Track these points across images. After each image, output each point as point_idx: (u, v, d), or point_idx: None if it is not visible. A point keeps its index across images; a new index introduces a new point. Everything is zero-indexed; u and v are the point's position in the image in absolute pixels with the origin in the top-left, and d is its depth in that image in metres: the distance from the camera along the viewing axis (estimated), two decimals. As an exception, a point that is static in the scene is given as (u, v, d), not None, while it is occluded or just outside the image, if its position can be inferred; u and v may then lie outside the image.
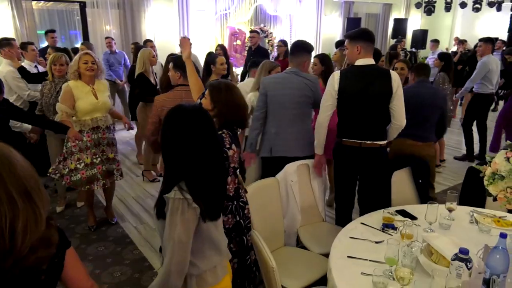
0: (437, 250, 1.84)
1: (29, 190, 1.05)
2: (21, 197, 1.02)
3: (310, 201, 2.89)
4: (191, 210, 1.45)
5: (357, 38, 2.74)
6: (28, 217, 1.03)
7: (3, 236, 0.99)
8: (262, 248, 1.78)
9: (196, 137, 1.50)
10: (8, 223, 0.99)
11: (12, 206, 1.00)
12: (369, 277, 1.78)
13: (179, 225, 1.44)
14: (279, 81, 3.06)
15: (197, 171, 1.49)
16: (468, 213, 2.40)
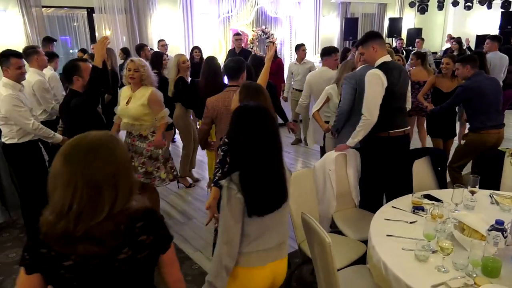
0: (470, 225, 2.07)
1: (100, 184, 1.17)
2: (86, 189, 1.15)
3: (344, 188, 3.09)
4: (235, 199, 1.60)
5: (369, 39, 3.01)
6: (85, 207, 1.15)
7: (69, 217, 1.15)
8: (316, 227, 1.98)
9: (255, 133, 1.64)
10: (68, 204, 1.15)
11: (75, 189, 1.15)
12: (410, 252, 2.00)
13: (226, 210, 1.62)
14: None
15: (251, 166, 1.63)
16: (488, 196, 2.63)
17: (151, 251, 1.29)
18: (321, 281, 2.15)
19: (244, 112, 1.72)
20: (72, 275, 1.20)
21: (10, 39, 6.53)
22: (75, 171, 1.15)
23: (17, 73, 3.19)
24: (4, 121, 3.20)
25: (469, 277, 1.78)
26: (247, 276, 1.76)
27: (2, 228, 3.81)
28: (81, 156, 1.17)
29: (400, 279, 1.82)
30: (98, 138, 1.22)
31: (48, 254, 1.18)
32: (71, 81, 2.88)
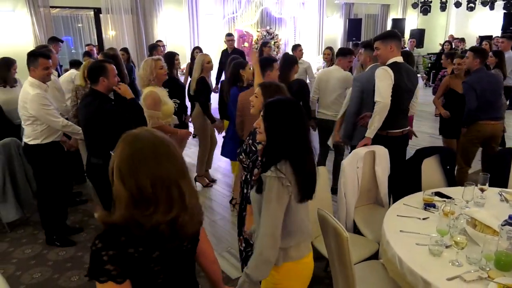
0: (482, 221, 2.13)
1: (186, 169, 1.24)
2: (184, 174, 1.22)
3: (370, 185, 3.14)
4: (284, 188, 1.63)
5: (389, 38, 3.09)
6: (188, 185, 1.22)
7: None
8: (333, 221, 2.04)
9: (296, 123, 1.71)
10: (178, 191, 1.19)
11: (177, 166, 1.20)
12: (424, 246, 2.06)
13: (274, 201, 1.63)
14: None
15: (299, 152, 1.68)
16: (497, 193, 2.69)
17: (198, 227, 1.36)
18: (336, 275, 2.21)
19: (280, 105, 1.77)
20: (159, 266, 1.21)
21: (18, 39, 6.60)
22: (175, 163, 1.21)
23: (44, 73, 3.22)
24: (30, 120, 3.21)
25: (483, 270, 1.83)
26: (301, 268, 1.84)
27: (16, 225, 3.87)
28: (170, 151, 1.22)
29: (415, 272, 1.88)
30: (156, 134, 1.25)
31: (137, 253, 1.14)
32: (97, 82, 2.91)
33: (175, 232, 1.18)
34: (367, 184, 3.14)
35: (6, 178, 3.65)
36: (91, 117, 2.87)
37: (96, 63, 3.10)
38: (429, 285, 1.80)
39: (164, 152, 1.20)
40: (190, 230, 1.24)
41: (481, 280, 1.78)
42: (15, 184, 3.74)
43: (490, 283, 1.74)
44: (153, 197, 1.14)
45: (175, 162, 1.21)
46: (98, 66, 2.94)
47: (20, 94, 3.23)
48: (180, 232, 1.20)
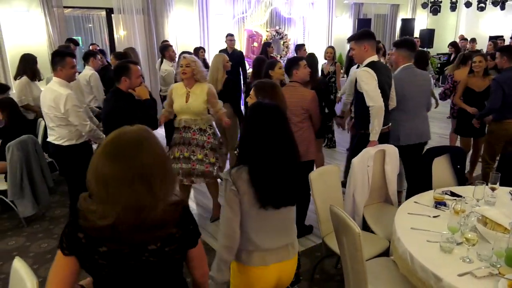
0: (493, 219, 2.16)
1: (149, 177, 1.22)
2: (140, 179, 1.20)
3: (380, 183, 3.18)
4: (230, 190, 1.67)
5: (363, 38, 3.17)
6: (141, 199, 1.20)
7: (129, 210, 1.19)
8: (345, 218, 2.08)
9: (264, 130, 1.69)
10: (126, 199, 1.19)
11: (130, 185, 1.19)
12: (435, 243, 2.09)
13: (225, 202, 1.71)
14: (406, 79, 3.51)
15: (259, 160, 1.67)
16: (508, 193, 2.71)
17: (180, 245, 1.35)
18: (348, 271, 2.25)
19: (257, 109, 1.78)
20: (105, 262, 1.27)
21: (32, 39, 6.71)
22: (126, 167, 1.20)
23: (71, 72, 3.27)
24: (64, 122, 3.23)
25: (493, 267, 1.87)
26: (250, 275, 1.80)
27: (32, 220, 3.97)
28: (127, 152, 1.22)
29: (426, 268, 1.91)
30: (137, 133, 1.27)
31: (85, 240, 1.25)
32: (119, 81, 2.97)
33: (116, 234, 1.22)
34: (377, 183, 3.18)
35: (24, 175, 3.74)
36: (108, 114, 2.95)
37: (121, 63, 3.17)
38: (440, 281, 1.83)
39: (117, 152, 1.22)
40: (135, 238, 1.25)
41: (492, 276, 1.81)
42: (32, 180, 3.84)
43: (501, 279, 1.77)
44: (96, 195, 1.22)
45: (131, 164, 1.21)
46: (122, 66, 3.02)
47: (47, 94, 3.23)
48: (122, 235, 1.23)
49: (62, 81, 3.23)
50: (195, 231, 1.41)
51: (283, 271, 1.85)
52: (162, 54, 5.61)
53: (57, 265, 1.31)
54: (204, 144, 3.55)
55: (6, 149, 3.65)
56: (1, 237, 3.69)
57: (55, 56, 3.27)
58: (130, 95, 3.04)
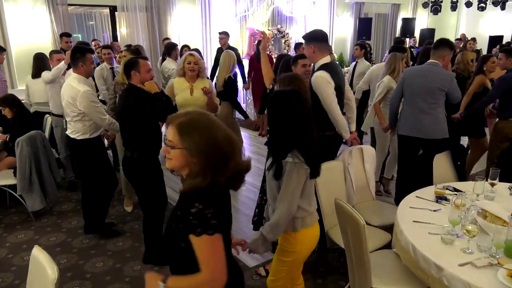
0: (492, 213, 2.24)
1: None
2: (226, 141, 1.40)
3: (362, 182, 3.27)
4: (303, 170, 1.94)
5: (310, 40, 3.14)
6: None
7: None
8: (350, 210, 2.16)
9: (300, 113, 1.95)
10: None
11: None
12: (436, 236, 2.17)
13: (295, 182, 1.94)
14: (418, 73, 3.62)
15: (306, 141, 1.95)
16: (507, 188, 2.79)
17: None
18: (352, 262, 2.33)
19: (280, 97, 2.00)
20: (228, 218, 1.49)
21: (37, 36, 6.77)
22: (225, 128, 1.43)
23: (91, 68, 3.34)
24: (79, 116, 3.29)
25: (493, 257, 1.94)
26: (312, 234, 2.13)
27: (40, 214, 4.04)
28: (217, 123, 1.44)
29: (428, 258, 1.99)
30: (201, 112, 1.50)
31: (224, 206, 1.40)
32: (130, 76, 3.05)
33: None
34: (363, 181, 3.31)
35: (32, 169, 3.82)
36: (122, 110, 3.02)
37: (131, 59, 3.24)
38: (441, 271, 1.90)
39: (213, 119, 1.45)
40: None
41: (491, 266, 1.88)
42: (40, 175, 3.91)
43: (500, 269, 1.84)
44: (230, 151, 1.39)
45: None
46: (131, 62, 3.08)
47: (67, 90, 3.28)
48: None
49: (81, 77, 3.28)
50: None
51: (317, 228, 2.19)
52: (169, 53, 5.56)
53: (218, 248, 1.35)
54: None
55: (16, 144, 3.72)
56: (10, 231, 3.76)
57: (75, 52, 3.31)
58: (141, 90, 3.11)
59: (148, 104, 2.94)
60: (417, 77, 3.58)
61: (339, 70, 3.24)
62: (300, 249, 2.11)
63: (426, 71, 3.58)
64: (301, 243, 2.10)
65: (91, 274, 3.10)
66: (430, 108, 3.55)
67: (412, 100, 3.61)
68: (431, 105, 3.55)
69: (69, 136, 3.43)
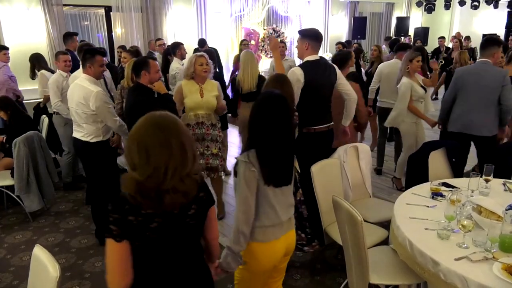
0: (487, 208, 2.27)
1: (185, 143, 1.41)
2: (177, 146, 1.39)
3: (358, 179, 3.30)
4: (251, 172, 1.83)
5: (305, 36, 3.20)
6: (178, 162, 1.39)
7: (158, 171, 1.36)
8: (348, 207, 2.19)
9: (268, 117, 1.87)
10: (163, 163, 1.36)
11: (169, 150, 1.38)
12: (433, 231, 2.20)
13: (243, 182, 1.85)
14: (471, 72, 3.70)
15: (265, 144, 1.86)
16: (501, 184, 2.83)
17: (206, 206, 1.58)
18: (350, 258, 2.36)
19: (266, 99, 1.95)
20: (155, 235, 1.42)
21: (32, 36, 6.76)
22: (170, 135, 1.39)
23: (100, 70, 3.30)
24: (92, 118, 3.24)
25: (488, 252, 1.98)
26: (264, 250, 1.96)
27: (38, 215, 4.05)
28: (171, 124, 1.42)
29: (425, 253, 2.02)
30: (167, 112, 1.48)
31: (136, 221, 1.38)
32: (139, 75, 3.03)
33: (161, 200, 1.38)
34: (361, 179, 3.34)
35: (30, 170, 3.82)
36: (130, 108, 3.04)
37: (140, 58, 3.25)
38: (438, 265, 1.94)
39: (164, 124, 1.40)
40: (178, 200, 1.41)
41: (486, 260, 1.92)
42: (37, 175, 3.91)
43: (495, 262, 1.87)
44: (136, 159, 1.37)
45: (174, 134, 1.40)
46: (141, 61, 3.09)
47: (76, 91, 3.24)
48: (165, 200, 1.39)
49: (91, 78, 3.24)
50: (210, 192, 1.65)
51: (289, 241, 2.05)
52: (173, 52, 5.44)
53: (113, 253, 1.40)
54: (217, 138, 3.62)
55: (13, 145, 3.72)
56: (8, 232, 3.76)
57: (85, 53, 3.29)
58: (150, 89, 3.11)
59: (159, 104, 2.96)
60: (470, 75, 3.68)
61: (322, 68, 3.23)
62: (251, 263, 1.97)
63: (478, 69, 3.69)
64: (251, 257, 1.96)
65: (90, 273, 3.11)
66: (484, 106, 3.62)
67: (466, 98, 3.69)
68: (485, 103, 3.62)
69: (79, 140, 3.35)
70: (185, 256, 1.56)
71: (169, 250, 1.50)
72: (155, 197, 1.38)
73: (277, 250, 2.00)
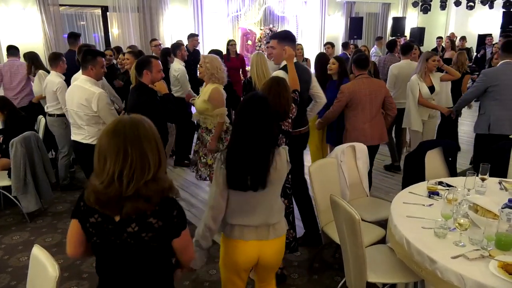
0: (483, 206, 2.29)
1: (144, 148, 1.39)
2: (134, 151, 1.37)
3: (355, 178, 3.32)
4: (220, 169, 1.86)
5: (286, 40, 3.13)
6: (136, 167, 1.36)
7: (114, 178, 1.35)
8: (345, 206, 2.21)
9: (242, 119, 1.88)
10: (118, 170, 1.36)
11: (125, 156, 1.36)
12: (430, 230, 2.22)
13: (214, 178, 1.90)
14: (502, 72, 3.79)
15: (233, 146, 1.88)
16: (497, 183, 2.86)
17: (159, 234, 1.46)
18: (347, 257, 2.38)
19: (245, 100, 1.97)
20: (93, 231, 1.48)
21: (28, 37, 6.74)
22: (124, 140, 1.37)
23: (101, 71, 3.30)
24: (94, 120, 3.23)
25: (484, 250, 2.00)
26: (231, 246, 1.98)
27: (35, 215, 4.03)
28: (127, 129, 1.39)
29: (422, 252, 2.03)
30: (136, 116, 1.47)
31: (83, 208, 1.49)
32: (141, 74, 3.04)
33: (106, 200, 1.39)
34: (358, 178, 3.36)
35: (27, 170, 3.80)
36: (130, 109, 3.05)
37: (143, 57, 3.24)
38: (435, 263, 1.95)
39: (116, 129, 1.39)
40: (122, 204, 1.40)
41: (483, 258, 1.94)
42: (34, 176, 3.90)
43: (491, 260, 1.89)
44: (97, 166, 1.41)
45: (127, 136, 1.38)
46: (144, 61, 3.09)
47: (77, 92, 3.22)
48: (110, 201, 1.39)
49: (92, 79, 3.24)
50: (179, 224, 1.51)
51: (262, 250, 1.98)
52: (174, 53, 5.39)
53: (70, 226, 1.56)
54: (207, 144, 3.56)
55: (10, 145, 3.71)
56: (5, 233, 3.75)
57: (86, 54, 3.28)
58: (152, 90, 3.10)
59: (160, 105, 2.96)
60: (502, 76, 3.78)
61: (301, 71, 3.20)
62: (228, 259, 2.01)
63: (505, 70, 3.78)
64: (228, 252, 2.00)
65: (88, 273, 3.11)
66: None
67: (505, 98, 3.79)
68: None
69: (79, 142, 3.34)
70: (135, 271, 1.54)
71: (114, 259, 1.53)
72: (115, 205, 1.40)
73: (243, 252, 1.96)
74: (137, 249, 1.48)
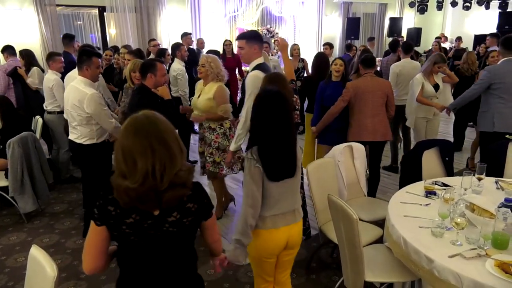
0: (480, 206, 2.31)
1: (168, 140, 1.41)
2: (160, 145, 1.39)
3: (353, 178, 3.33)
4: (256, 169, 1.93)
5: (255, 39, 3.11)
6: (165, 160, 1.38)
7: (148, 175, 1.37)
8: (343, 205, 2.21)
9: (267, 114, 1.94)
10: (151, 167, 1.36)
11: (153, 152, 1.37)
12: (427, 229, 2.23)
13: (248, 177, 1.95)
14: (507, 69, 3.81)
15: (267, 141, 1.95)
16: (493, 182, 2.87)
17: (195, 217, 1.53)
18: (345, 256, 2.39)
19: (264, 96, 2.01)
20: (131, 231, 1.45)
21: (25, 37, 6.73)
22: (149, 137, 1.38)
23: (97, 72, 3.28)
24: (86, 120, 3.22)
25: (481, 249, 2.01)
26: (262, 237, 2.05)
27: (32, 216, 4.02)
28: (148, 126, 1.41)
29: (419, 251, 2.05)
30: (147, 112, 1.48)
31: (115, 212, 1.43)
32: (145, 77, 3.03)
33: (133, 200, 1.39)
34: (355, 178, 3.38)
35: (24, 171, 3.80)
36: (130, 111, 3.04)
37: (148, 60, 3.23)
38: (432, 262, 1.96)
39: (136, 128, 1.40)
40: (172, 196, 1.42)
41: (479, 257, 1.95)
42: (31, 176, 3.89)
43: (488, 259, 1.91)
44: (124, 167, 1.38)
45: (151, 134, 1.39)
46: (149, 64, 3.07)
47: (72, 93, 3.22)
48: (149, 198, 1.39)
49: (87, 80, 3.23)
50: (209, 205, 1.59)
51: (291, 233, 2.10)
52: (174, 54, 5.39)
53: (91, 234, 1.49)
54: (211, 143, 3.59)
55: (7, 145, 3.70)
56: (2, 233, 3.74)
57: (82, 55, 3.27)
58: (154, 94, 3.08)
59: (161, 110, 2.95)
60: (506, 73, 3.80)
61: (270, 70, 3.22)
62: (259, 248, 2.08)
63: (509, 67, 3.81)
64: (260, 243, 2.07)
65: (86, 274, 3.10)
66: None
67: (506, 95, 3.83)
68: None
69: (73, 141, 3.34)
70: (170, 261, 1.55)
71: (150, 252, 1.51)
72: (154, 199, 1.40)
73: (275, 239, 2.06)
74: (176, 236, 1.52)
